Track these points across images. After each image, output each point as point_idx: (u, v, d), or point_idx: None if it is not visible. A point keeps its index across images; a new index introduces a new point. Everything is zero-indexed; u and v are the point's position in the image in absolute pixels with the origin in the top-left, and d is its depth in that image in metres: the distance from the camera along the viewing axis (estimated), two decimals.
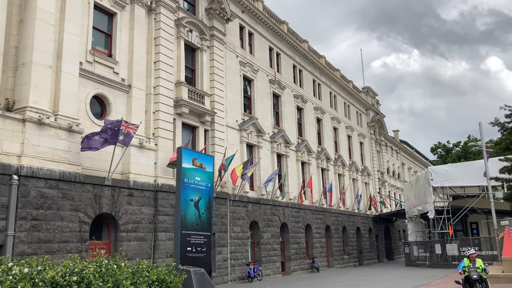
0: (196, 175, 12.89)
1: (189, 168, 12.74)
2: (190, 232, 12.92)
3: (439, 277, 23.85)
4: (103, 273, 7.48)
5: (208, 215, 13.03)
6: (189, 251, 12.79)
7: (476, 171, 33.21)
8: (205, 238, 12.98)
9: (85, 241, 16.88)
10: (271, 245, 29.15)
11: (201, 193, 12.99)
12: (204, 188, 13.10)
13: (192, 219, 12.84)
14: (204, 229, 12.97)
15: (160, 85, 21.68)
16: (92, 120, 18.68)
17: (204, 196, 13.08)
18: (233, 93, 28.06)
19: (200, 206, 12.89)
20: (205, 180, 13.15)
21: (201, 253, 12.68)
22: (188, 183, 12.62)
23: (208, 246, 12.87)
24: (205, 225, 13.00)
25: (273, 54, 34.40)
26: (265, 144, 30.85)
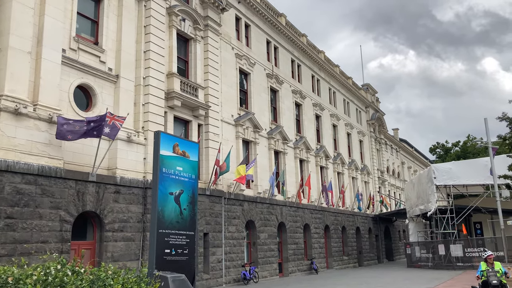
0: (177, 165, 11.24)
1: (169, 156, 11.03)
2: (169, 232, 11.18)
3: (445, 279, 22.67)
4: (49, 282, 6.07)
5: (191, 211, 11.46)
6: (167, 253, 11.08)
7: (480, 169, 32.07)
8: (187, 238, 11.35)
9: (66, 241, 15.63)
10: (268, 246, 27.93)
11: (183, 185, 11.32)
12: (187, 180, 11.46)
13: (171, 216, 11.20)
14: (186, 227, 11.28)
15: (150, 76, 20.44)
16: (76, 112, 17.43)
17: (187, 189, 11.45)
18: (228, 86, 26.83)
19: (182, 201, 11.26)
20: (188, 171, 11.53)
21: (182, 255, 11.02)
22: (167, 174, 11.01)
23: (191, 247, 11.27)
24: (187, 223, 11.37)
25: (271, 47, 33.18)
26: (262, 140, 29.63)
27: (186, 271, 10.60)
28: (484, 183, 32.51)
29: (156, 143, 11.04)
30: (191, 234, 11.42)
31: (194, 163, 11.82)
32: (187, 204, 11.51)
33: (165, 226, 11.22)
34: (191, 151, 11.74)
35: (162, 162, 11.21)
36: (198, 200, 22.28)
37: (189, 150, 11.69)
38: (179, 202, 11.19)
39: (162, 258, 10.99)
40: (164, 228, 11.22)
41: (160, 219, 11.02)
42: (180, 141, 11.70)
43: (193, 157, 11.83)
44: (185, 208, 11.26)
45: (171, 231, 11.24)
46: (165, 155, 11.09)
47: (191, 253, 11.31)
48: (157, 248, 10.86)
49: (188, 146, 11.76)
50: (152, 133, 19.90)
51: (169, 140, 11.45)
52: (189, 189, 11.54)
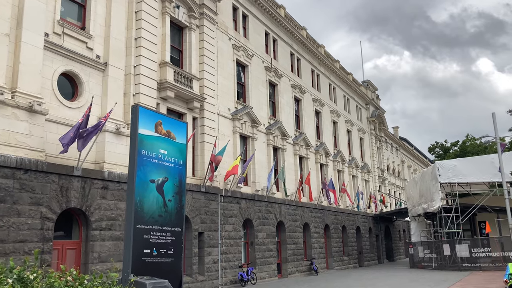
0: (161, 147, 9.57)
1: (150, 136, 9.38)
2: (150, 227, 9.33)
3: (453, 281, 21.48)
4: None
5: (177, 203, 9.81)
6: (147, 254, 9.25)
7: (486, 166, 30.89)
8: (172, 235, 9.57)
9: (48, 240, 14.36)
10: (266, 246, 26.71)
11: (167, 172, 9.49)
12: (172, 166, 9.76)
13: (152, 208, 9.37)
14: (171, 223, 9.35)
15: (141, 65, 19.17)
16: (60, 101, 16.16)
17: (173, 176, 9.75)
18: (225, 78, 25.58)
19: (167, 191, 9.42)
20: (174, 155, 9.88)
21: (166, 256, 9.32)
22: (148, 157, 9.32)
23: (177, 247, 9.60)
24: (173, 217, 9.57)
25: (269, 39, 31.95)
26: (261, 135, 28.40)
27: (171, 276, 8.96)
28: (491, 180, 31.34)
29: (134, 119, 9.38)
30: (177, 231, 9.68)
31: (181, 146, 10.19)
32: (173, 194, 9.76)
33: (144, 221, 9.44)
34: (178, 131, 10.12)
35: (141, 143, 9.41)
36: (193, 198, 21.19)
37: (176, 130, 10.08)
38: (162, 192, 9.48)
39: (140, 260, 9.19)
40: (143, 223, 9.43)
41: (138, 212, 9.24)
42: (164, 119, 9.95)
43: (181, 139, 10.25)
44: (170, 200, 9.59)
45: (152, 226, 9.47)
46: (145, 134, 9.40)
47: (178, 254, 9.59)
48: (134, 248, 9.10)
49: (175, 126, 10.12)
50: None
51: (151, 117, 9.79)
52: (175, 177, 9.83)
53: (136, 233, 9.25)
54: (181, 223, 9.69)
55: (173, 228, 9.46)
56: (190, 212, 20.73)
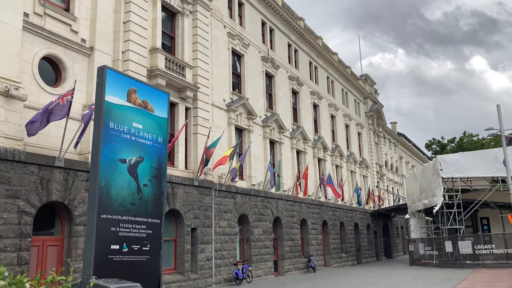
0: (135, 120, 7.86)
1: (121, 105, 7.80)
2: (119, 218, 7.55)
3: (458, 279, 20.52)
4: None
5: (155, 189, 8.27)
6: (114, 251, 7.45)
7: (490, 160, 29.96)
8: (149, 228, 7.83)
9: (26, 236, 13.25)
10: (263, 242, 25.67)
11: (143, 150, 7.98)
12: (149, 144, 8.13)
13: (123, 194, 7.67)
14: (148, 213, 7.91)
15: (130, 50, 18.05)
16: (41, 86, 15.02)
17: (150, 156, 8.06)
18: (220, 68, 24.47)
19: (141, 173, 7.87)
20: (153, 131, 8.30)
21: (140, 254, 7.71)
22: (117, 131, 7.66)
23: (154, 242, 8.07)
24: (149, 206, 7.94)
25: (266, 29, 30.82)
26: (257, 128, 27.31)
27: (146, 277, 7.58)
28: (494, 175, 30.41)
29: (100, 83, 7.79)
30: (155, 223, 8.08)
31: (161, 120, 8.67)
32: (150, 178, 8.10)
33: (111, 210, 7.65)
34: (157, 103, 8.53)
35: (108, 113, 7.69)
36: (185, 192, 20.10)
37: (154, 101, 8.46)
38: (136, 174, 7.83)
39: (105, 258, 7.40)
40: (110, 212, 7.63)
41: (103, 199, 7.49)
42: (139, 86, 8.26)
43: (161, 112, 8.74)
44: (145, 184, 8.01)
45: (122, 217, 7.66)
46: (115, 103, 7.75)
47: (155, 251, 7.99)
48: (98, 243, 7.34)
49: (153, 95, 8.50)
50: None
51: (122, 83, 8.20)
52: (153, 157, 8.17)
53: (101, 224, 7.52)
54: (160, 213, 8.22)
55: (149, 219, 7.88)
56: (182, 207, 19.66)
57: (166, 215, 18.95)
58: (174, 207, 19.25)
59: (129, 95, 7.92)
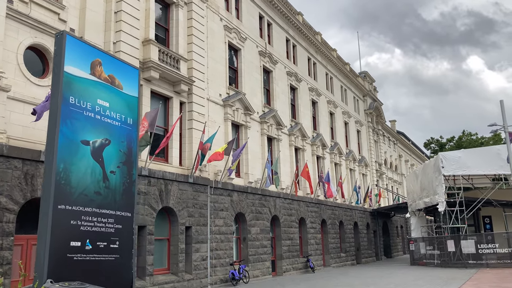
0: (100, 96, 6.79)
1: (83, 78, 6.66)
2: (81, 209, 6.40)
3: (462, 279, 19.82)
4: None
5: (125, 177, 7.01)
6: (75, 248, 6.31)
7: (492, 157, 29.25)
8: (117, 222, 6.82)
9: (8, 235, 12.50)
10: (260, 241, 24.94)
11: (109, 132, 6.89)
12: (117, 125, 6.95)
13: (85, 181, 6.52)
14: (116, 204, 6.82)
15: (121, 41, 17.31)
16: (27, 77, 14.26)
17: (118, 139, 6.98)
18: (216, 61, 23.73)
19: (108, 158, 6.79)
20: (121, 110, 7.12)
21: (108, 252, 6.61)
22: (79, 108, 6.52)
23: (125, 239, 7.00)
24: (118, 196, 6.86)
25: (264, 23, 30.09)
26: (254, 124, 26.57)
27: (115, 279, 6.64)
28: (497, 172, 29.73)
29: (58, 52, 6.67)
30: (125, 217, 6.92)
31: (131, 99, 7.59)
32: (118, 164, 6.89)
33: (71, 200, 6.44)
34: (126, 79, 7.46)
35: (68, 86, 6.46)
36: (179, 189, 19.35)
37: (123, 77, 7.37)
38: (101, 159, 6.70)
39: (64, 256, 6.27)
40: (70, 202, 6.43)
41: (61, 186, 6.28)
42: (105, 58, 7.23)
43: (130, 90, 7.66)
44: (113, 171, 6.87)
45: (85, 208, 6.48)
46: (76, 75, 6.58)
47: (126, 249, 6.87)
48: (54, 239, 6.14)
49: (121, 70, 7.38)
50: None
51: (85, 53, 6.92)
52: (122, 140, 6.86)
53: (58, 217, 6.25)
54: (132, 205, 7.18)
55: (118, 212, 6.81)
56: (176, 205, 18.93)
57: (159, 213, 18.23)
58: (168, 205, 18.50)
59: (93, 68, 6.82)
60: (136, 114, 7.65)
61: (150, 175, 17.60)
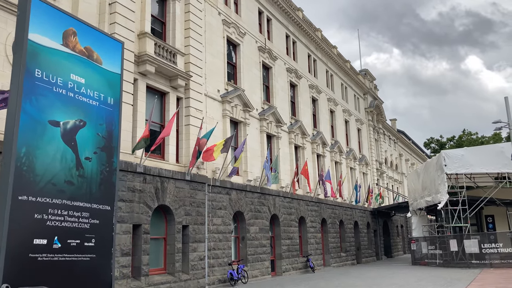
0: (75, 71, 5.79)
1: (53, 49, 5.68)
2: (47, 201, 5.41)
3: (467, 280, 19.28)
4: None
5: (104, 165, 5.74)
6: (40, 247, 5.37)
7: (496, 155, 28.67)
8: (94, 217, 5.96)
9: None
10: (259, 241, 24.40)
11: (86, 113, 5.90)
12: (95, 105, 6.00)
13: (54, 168, 5.53)
14: (92, 196, 5.89)
15: (116, 33, 16.72)
16: None
17: (95, 122, 6.00)
18: (214, 56, 23.17)
19: (83, 143, 5.81)
20: (101, 88, 5.85)
21: (81, 252, 5.77)
22: (47, 83, 5.50)
23: (103, 236, 6.29)
24: (94, 187, 5.91)
25: (263, 18, 29.53)
26: (253, 121, 26.02)
27: (91, 283, 5.67)
28: (500, 171, 29.18)
29: (22, 16, 5.78)
30: (103, 211, 6.11)
31: (112, 76, 6.68)
32: (95, 150, 5.95)
33: (35, 190, 5.43)
34: (106, 53, 6.54)
35: (34, 57, 5.51)
36: (176, 186, 18.78)
37: (103, 50, 6.44)
38: (74, 143, 5.69)
39: (26, 257, 5.29)
40: (34, 193, 5.41)
41: (22, 173, 5.26)
42: (80, 27, 6.14)
43: (112, 65, 6.76)
44: (89, 158, 5.67)
45: (53, 200, 5.46)
46: (44, 45, 5.58)
47: (104, 247, 6.14)
48: (12, 236, 5.15)
49: (101, 43, 6.44)
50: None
51: (56, 19, 5.85)
52: (100, 123, 5.81)
53: (18, 210, 5.22)
54: (112, 197, 6.39)
55: (94, 204, 5.97)
56: (172, 203, 18.36)
57: (155, 211, 17.66)
58: (164, 203, 17.94)
59: (66, 38, 5.90)
60: (119, 93, 6.76)
61: (145, 172, 17.05)
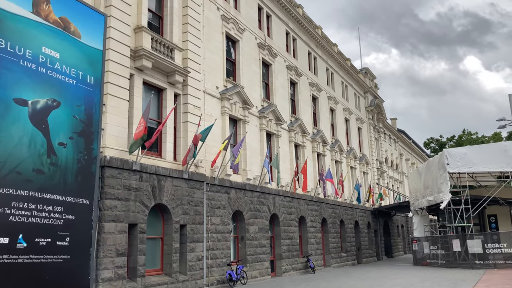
0: (47, 43, 4.86)
1: (21, 17, 4.75)
2: (10, 192, 4.50)
3: (472, 281, 18.82)
4: None
5: (81, 153, 5.31)
6: (1, 247, 4.39)
7: (499, 154, 28.21)
8: (68, 211, 4.85)
9: None
10: (259, 241, 23.92)
11: (60, 91, 4.90)
12: (71, 83, 4.90)
13: (19, 154, 4.60)
14: (66, 187, 4.88)
15: (111, 27, 16.19)
16: None
17: (71, 102, 4.72)
18: (212, 52, 22.69)
19: (56, 126, 4.87)
20: (78, 65, 5.36)
21: (52, 252, 4.77)
22: (12, 55, 4.63)
23: (80, 233, 5.40)
24: (70, 177, 4.87)
25: (263, 14, 29.05)
26: (253, 119, 25.54)
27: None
28: (504, 170, 28.70)
29: None
30: (80, 204, 5.31)
31: (93, 52, 5.75)
32: (71, 134, 5.23)
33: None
34: (86, 25, 5.61)
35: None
36: (173, 185, 18.27)
37: (82, 22, 5.52)
38: (45, 126, 4.67)
39: None
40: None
41: None
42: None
43: (92, 40, 5.78)
44: (63, 143, 5.09)
45: (17, 191, 4.49)
46: (9, 11, 4.59)
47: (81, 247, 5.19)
48: None
49: (79, 14, 5.56)
50: (113, 97, 15.80)
51: None
52: (78, 104, 5.10)
53: None
54: (91, 190, 5.48)
55: (69, 197, 5.08)
56: (170, 202, 17.88)
57: (152, 210, 17.17)
58: (161, 202, 17.46)
59: (36, 5, 5.01)
60: (100, 72, 6.00)
61: (142, 170, 16.56)
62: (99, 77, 5.56)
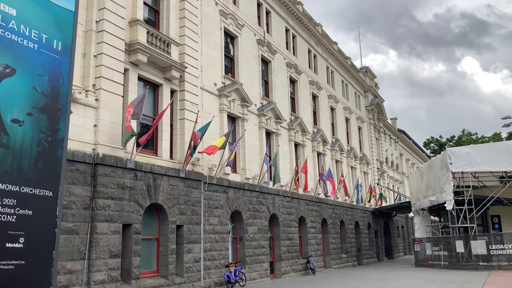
0: None
1: None
2: None
3: (478, 283, 18.25)
4: None
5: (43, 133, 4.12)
6: None
7: (503, 153, 27.61)
8: (23, 206, 3.76)
9: None
10: (258, 242, 23.31)
11: (15, 57, 3.89)
12: (31, 47, 3.46)
13: None
14: (21, 175, 3.82)
15: (105, 19, 15.65)
16: None
17: (31, 71, 3.90)
18: (210, 48, 22.10)
19: (8, 99, 3.80)
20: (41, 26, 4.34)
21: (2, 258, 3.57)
22: None
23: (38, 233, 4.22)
24: (26, 162, 3.85)
25: (262, 10, 28.48)
26: (252, 117, 24.95)
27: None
28: (508, 169, 28.09)
29: None
30: (39, 196, 4.18)
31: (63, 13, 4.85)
32: (30, 110, 4.25)
33: None
34: None
35: None
36: (169, 184, 17.67)
37: None
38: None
39: None
40: None
41: None
42: None
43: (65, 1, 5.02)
44: (18, 120, 4.06)
45: None
46: None
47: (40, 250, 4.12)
48: None
49: None
50: (106, 93, 15.21)
51: None
52: (40, 73, 4.16)
53: None
54: (56, 179, 4.37)
55: (26, 188, 3.94)
56: (166, 201, 17.27)
57: (147, 210, 16.56)
58: (157, 201, 16.85)
59: None
60: (71, 37, 5.08)
61: (136, 168, 15.95)
62: (69, 44, 4.56)
